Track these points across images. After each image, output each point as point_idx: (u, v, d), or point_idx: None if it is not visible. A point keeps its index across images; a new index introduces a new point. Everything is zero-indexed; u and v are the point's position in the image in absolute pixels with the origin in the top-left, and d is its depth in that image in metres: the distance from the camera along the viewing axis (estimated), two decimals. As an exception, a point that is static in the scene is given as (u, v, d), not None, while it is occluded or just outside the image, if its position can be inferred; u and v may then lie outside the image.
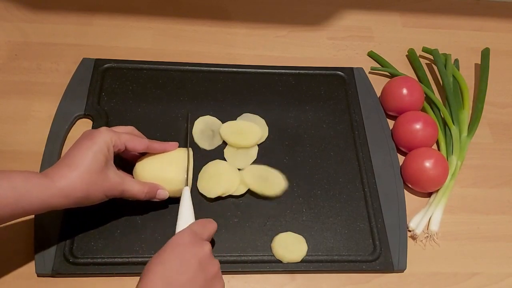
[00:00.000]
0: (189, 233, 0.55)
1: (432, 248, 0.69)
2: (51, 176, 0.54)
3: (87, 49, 0.83)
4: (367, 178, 0.73)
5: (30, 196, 0.52)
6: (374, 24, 0.95)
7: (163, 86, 0.79)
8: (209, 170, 0.70)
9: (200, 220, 0.59)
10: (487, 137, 0.82)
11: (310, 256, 0.65)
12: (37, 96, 0.76)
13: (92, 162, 0.56)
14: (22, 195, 0.52)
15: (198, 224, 0.58)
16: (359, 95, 0.82)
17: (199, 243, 0.54)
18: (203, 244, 0.55)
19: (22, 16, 0.86)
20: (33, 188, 0.53)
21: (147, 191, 0.62)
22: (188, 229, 0.56)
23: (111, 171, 0.58)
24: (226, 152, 0.72)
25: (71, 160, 0.56)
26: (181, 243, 0.54)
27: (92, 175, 0.56)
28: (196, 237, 0.55)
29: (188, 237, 0.54)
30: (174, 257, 0.52)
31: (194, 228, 0.57)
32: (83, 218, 0.64)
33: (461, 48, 0.93)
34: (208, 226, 0.58)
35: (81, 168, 0.55)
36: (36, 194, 0.53)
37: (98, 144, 0.57)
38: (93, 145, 0.57)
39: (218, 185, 0.67)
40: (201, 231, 0.57)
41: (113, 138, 0.59)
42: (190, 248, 0.53)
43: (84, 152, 0.56)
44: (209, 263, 0.54)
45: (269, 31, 0.91)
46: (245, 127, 0.75)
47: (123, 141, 0.60)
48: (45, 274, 0.60)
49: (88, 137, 0.58)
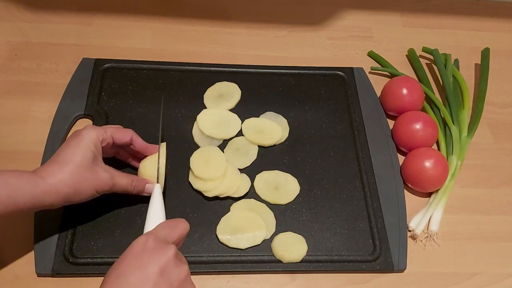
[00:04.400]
0: (150, 238, 0.48)
1: (432, 248, 0.69)
2: (41, 173, 0.55)
3: (87, 49, 0.83)
4: (367, 178, 0.73)
5: (22, 192, 0.53)
6: (374, 24, 0.95)
7: (163, 86, 0.79)
8: (204, 156, 0.69)
9: (168, 221, 0.53)
10: (487, 137, 0.82)
11: (310, 256, 0.65)
12: (37, 96, 0.76)
13: (80, 158, 0.57)
14: (15, 192, 0.53)
15: (165, 226, 0.52)
16: (359, 95, 0.82)
17: (161, 248, 0.48)
18: (167, 248, 0.48)
19: (22, 16, 0.86)
20: (25, 184, 0.54)
21: (135, 184, 0.63)
22: (149, 233, 0.50)
23: (99, 166, 0.59)
24: (226, 152, 0.72)
25: (59, 157, 0.57)
26: (139, 250, 0.47)
27: (80, 170, 0.57)
28: (158, 241, 0.48)
29: (148, 242, 0.48)
30: (132, 268, 0.46)
31: (159, 230, 0.51)
32: (83, 218, 0.64)
33: (461, 48, 0.93)
34: (178, 227, 0.52)
35: (69, 164, 0.56)
36: (28, 190, 0.54)
37: (84, 141, 0.58)
38: (80, 142, 0.58)
39: (212, 172, 0.67)
40: (167, 234, 0.51)
41: (99, 134, 0.60)
42: (150, 255, 0.47)
43: (72, 149, 0.58)
44: (174, 270, 0.48)
45: (269, 31, 0.91)
46: (267, 126, 0.75)
47: (109, 134, 0.61)
48: (45, 274, 0.60)
49: (75, 135, 0.59)
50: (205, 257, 0.63)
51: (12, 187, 0.53)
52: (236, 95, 0.79)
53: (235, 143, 0.74)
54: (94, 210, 0.64)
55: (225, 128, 0.74)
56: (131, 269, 0.46)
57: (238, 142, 0.74)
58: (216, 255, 0.64)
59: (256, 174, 0.71)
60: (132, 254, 0.47)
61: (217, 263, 0.63)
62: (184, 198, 0.67)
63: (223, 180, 0.67)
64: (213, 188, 0.67)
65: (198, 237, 0.64)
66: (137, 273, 0.46)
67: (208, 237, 0.65)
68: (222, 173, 0.67)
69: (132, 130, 0.65)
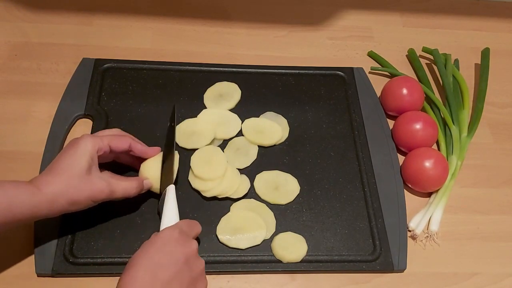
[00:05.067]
0: (176, 230, 0.56)
1: (432, 248, 0.69)
2: (37, 183, 0.56)
3: (87, 49, 0.83)
4: (367, 178, 0.73)
5: (20, 202, 0.54)
6: (374, 24, 0.95)
7: (163, 86, 0.79)
8: (204, 155, 0.69)
9: (187, 220, 0.60)
10: (487, 137, 0.82)
11: (310, 256, 0.65)
12: (37, 96, 0.76)
13: (74, 168, 0.57)
14: (12, 201, 0.53)
15: (186, 224, 0.58)
16: (359, 95, 0.82)
17: (187, 241, 0.55)
18: (191, 242, 0.56)
19: (22, 16, 0.86)
20: (23, 194, 0.54)
21: (136, 185, 0.62)
22: (175, 227, 0.56)
23: (94, 176, 0.59)
24: (226, 152, 0.72)
25: (55, 167, 0.58)
26: (169, 239, 0.54)
27: (75, 181, 0.57)
28: (183, 234, 0.56)
29: (176, 234, 0.55)
30: (162, 252, 0.53)
31: (182, 226, 0.57)
32: (83, 218, 0.64)
33: (461, 48, 0.93)
34: (196, 226, 0.60)
35: (64, 175, 0.56)
36: (25, 200, 0.54)
37: (80, 151, 0.58)
38: (75, 152, 0.58)
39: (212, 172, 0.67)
40: (188, 230, 0.57)
41: (95, 143, 0.59)
42: (178, 244, 0.54)
43: (67, 159, 0.58)
44: (196, 261, 0.55)
45: (269, 31, 0.91)
46: (267, 126, 0.75)
47: (106, 143, 0.61)
48: (45, 274, 0.60)
49: (71, 145, 0.59)
50: (205, 257, 0.63)
51: (9, 197, 0.53)
52: (236, 95, 0.79)
53: (235, 143, 0.74)
54: (94, 210, 0.63)
55: (225, 128, 0.74)
56: (160, 253, 0.52)
57: (238, 142, 0.74)
58: (216, 255, 0.64)
59: (256, 174, 0.71)
60: (160, 241, 0.54)
61: (217, 263, 0.63)
62: (183, 197, 0.67)
63: (222, 180, 0.67)
64: (212, 188, 0.67)
65: (198, 237, 0.64)
66: (166, 257, 0.52)
67: (208, 237, 0.65)
68: (222, 174, 0.67)
69: (130, 136, 0.64)
